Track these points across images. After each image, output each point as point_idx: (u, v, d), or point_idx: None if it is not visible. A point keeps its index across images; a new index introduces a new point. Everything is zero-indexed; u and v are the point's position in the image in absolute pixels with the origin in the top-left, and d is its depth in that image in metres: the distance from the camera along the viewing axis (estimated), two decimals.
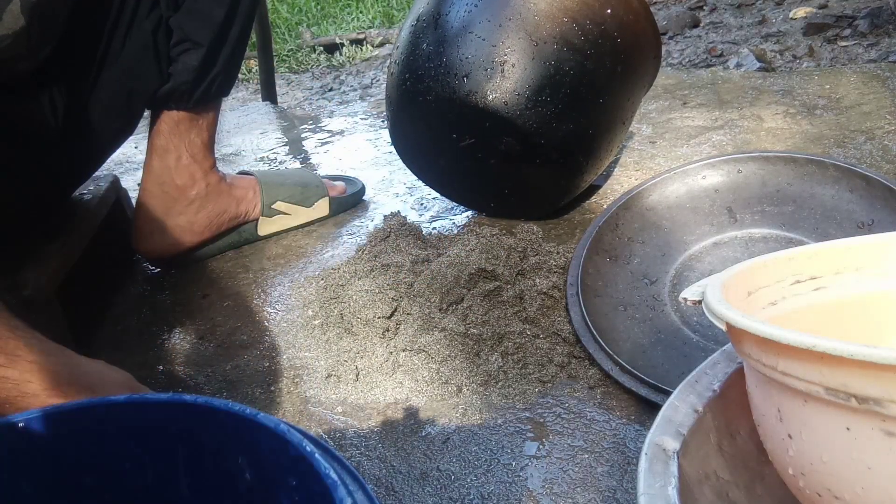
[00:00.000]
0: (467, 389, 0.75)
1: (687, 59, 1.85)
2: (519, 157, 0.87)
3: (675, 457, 0.42)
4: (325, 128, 1.53)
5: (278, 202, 1.05)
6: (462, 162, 0.91)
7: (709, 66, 1.77)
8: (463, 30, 0.84)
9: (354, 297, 0.83)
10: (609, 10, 0.85)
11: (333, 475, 0.35)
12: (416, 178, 1.04)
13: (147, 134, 0.96)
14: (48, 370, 0.59)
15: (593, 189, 1.04)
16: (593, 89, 0.85)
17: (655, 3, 2.32)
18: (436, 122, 0.88)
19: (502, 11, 0.83)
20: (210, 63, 0.89)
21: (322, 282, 0.89)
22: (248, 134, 1.55)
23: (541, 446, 0.68)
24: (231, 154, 1.45)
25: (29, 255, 0.85)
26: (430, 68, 0.85)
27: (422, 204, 1.11)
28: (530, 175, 0.89)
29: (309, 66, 2.62)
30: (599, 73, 0.85)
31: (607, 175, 1.08)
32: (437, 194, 1.08)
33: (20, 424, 0.40)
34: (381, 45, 2.64)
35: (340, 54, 2.61)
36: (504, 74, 0.82)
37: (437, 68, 0.84)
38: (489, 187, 0.95)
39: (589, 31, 0.84)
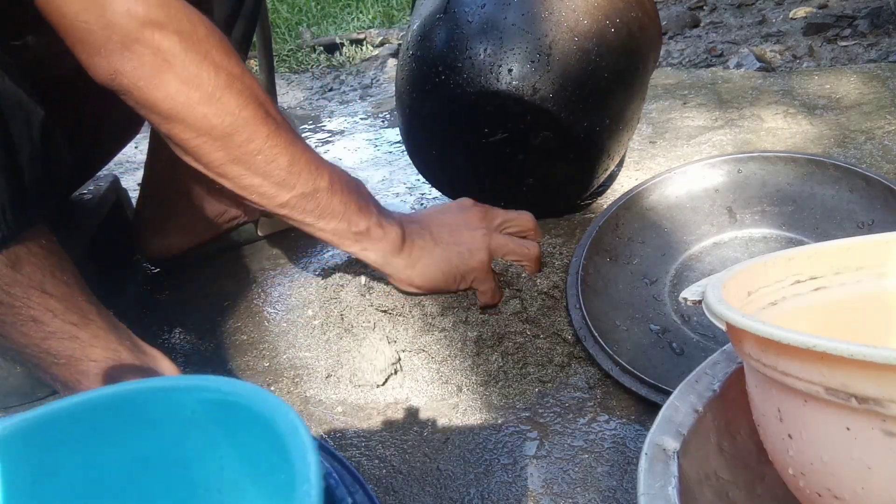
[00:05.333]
0: (467, 389, 0.75)
1: (687, 59, 1.85)
2: (552, 152, 0.86)
3: (675, 457, 0.42)
4: (325, 128, 1.53)
5: None
6: (485, 158, 0.90)
7: (709, 66, 1.77)
8: (504, 22, 0.83)
9: (354, 297, 0.83)
10: (632, 14, 0.88)
11: (334, 475, 0.35)
12: (416, 178, 1.03)
13: (147, 134, 0.96)
14: (113, 339, 0.62)
15: (594, 189, 1.04)
16: (623, 84, 0.87)
17: (656, 2, 2.32)
18: (464, 117, 0.86)
19: (542, 4, 0.83)
20: None
21: (322, 282, 0.89)
22: None
23: (541, 446, 0.68)
24: None
25: None
26: (466, 60, 0.83)
27: (422, 204, 1.11)
28: (556, 170, 0.89)
29: (309, 66, 2.62)
30: (627, 68, 0.87)
31: (607, 175, 1.07)
32: (438, 194, 1.08)
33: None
34: (381, 44, 2.64)
35: (340, 54, 2.61)
36: (550, 67, 0.81)
37: (474, 61, 0.83)
38: (507, 184, 0.94)
39: (619, 28, 0.86)
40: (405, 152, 1.08)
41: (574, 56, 0.82)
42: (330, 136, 1.47)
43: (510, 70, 0.82)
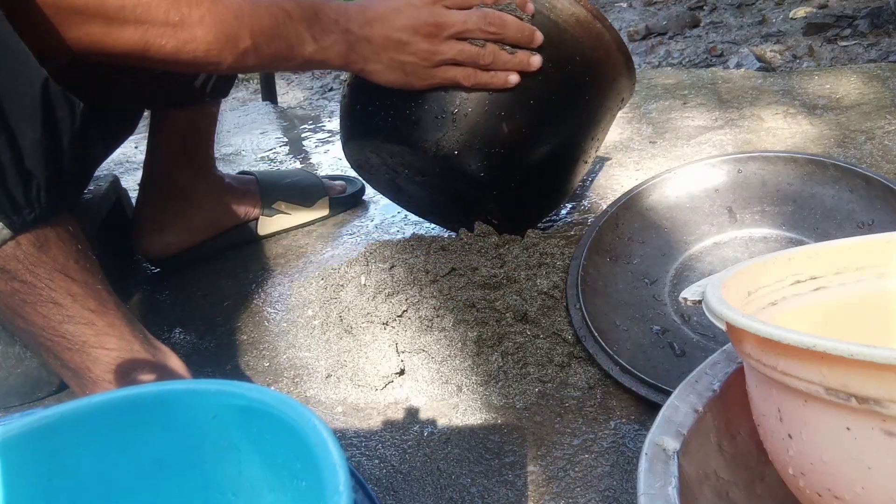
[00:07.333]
0: (467, 389, 0.75)
1: (687, 59, 1.85)
2: (476, 201, 0.85)
3: (675, 457, 0.42)
4: (325, 128, 1.53)
5: (278, 202, 1.05)
6: (426, 196, 0.89)
7: (709, 66, 1.77)
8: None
9: (354, 297, 0.83)
10: (567, 48, 0.79)
11: (369, 489, 0.36)
12: None
13: (147, 134, 0.96)
14: (128, 331, 0.63)
15: (593, 189, 1.04)
16: (552, 128, 0.81)
17: (655, 2, 2.32)
18: (390, 159, 0.84)
19: None
20: None
21: (322, 282, 0.89)
22: (248, 134, 1.55)
23: (541, 446, 0.68)
24: (231, 154, 1.45)
25: None
26: (378, 108, 0.80)
27: None
28: (493, 211, 0.87)
29: None
30: (559, 111, 0.81)
31: (607, 175, 1.08)
32: None
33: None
34: None
35: None
36: (455, 125, 0.78)
37: (386, 111, 0.80)
38: (460, 218, 0.92)
39: (547, 70, 0.78)
40: None
41: (483, 111, 0.77)
42: (330, 136, 1.47)
43: (415, 125, 0.79)
